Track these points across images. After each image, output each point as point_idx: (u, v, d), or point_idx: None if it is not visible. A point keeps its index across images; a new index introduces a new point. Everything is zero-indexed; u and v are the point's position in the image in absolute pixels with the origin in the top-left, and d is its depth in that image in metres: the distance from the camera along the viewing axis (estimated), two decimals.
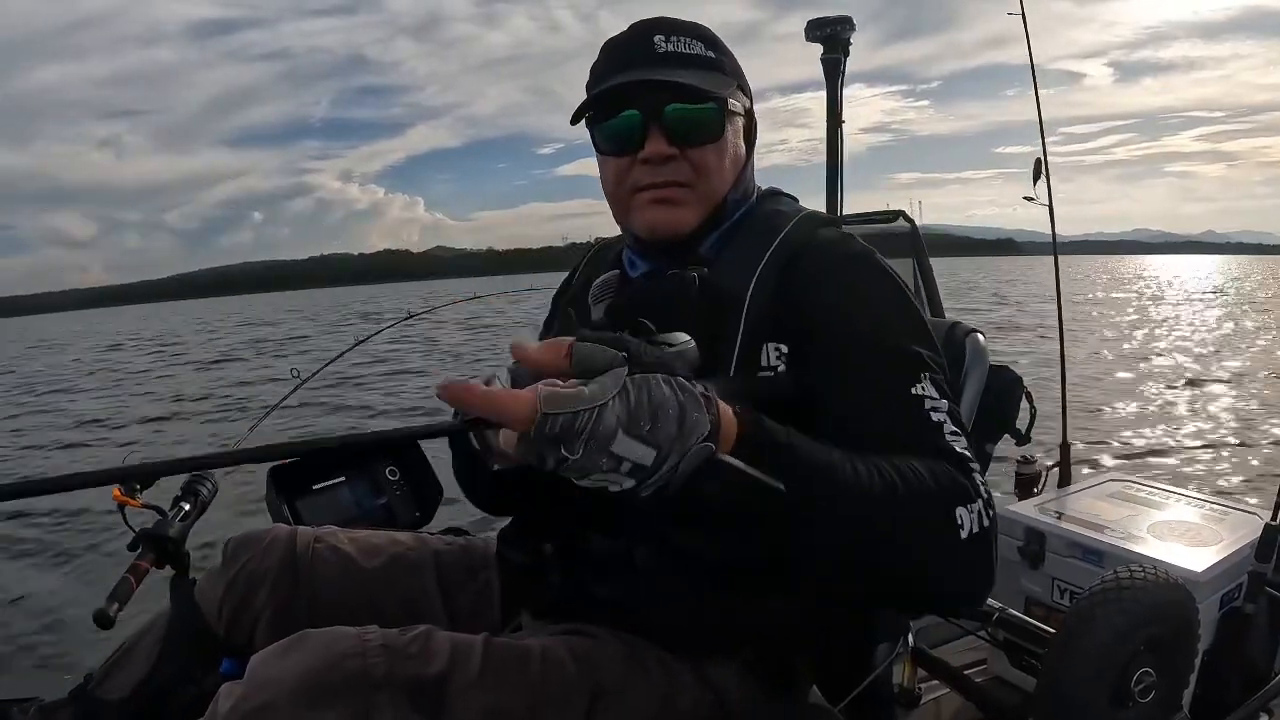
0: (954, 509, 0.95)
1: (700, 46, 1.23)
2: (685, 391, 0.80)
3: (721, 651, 1.20)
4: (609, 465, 0.76)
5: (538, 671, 1.09)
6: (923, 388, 1.06)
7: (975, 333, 1.45)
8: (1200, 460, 7.84)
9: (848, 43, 2.71)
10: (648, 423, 0.76)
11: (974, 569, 0.98)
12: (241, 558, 1.39)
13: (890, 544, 0.93)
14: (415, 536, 1.53)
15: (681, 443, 0.78)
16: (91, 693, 1.38)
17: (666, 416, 0.77)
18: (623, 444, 0.75)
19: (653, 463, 0.77)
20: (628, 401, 0.76)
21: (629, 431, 0.75)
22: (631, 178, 1.24)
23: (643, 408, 0.76)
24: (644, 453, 0.76)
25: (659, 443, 0.77)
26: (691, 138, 1.21)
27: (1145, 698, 1.59)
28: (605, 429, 0.74)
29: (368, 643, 1.03)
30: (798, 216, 1.26)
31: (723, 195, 1.26)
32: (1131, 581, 1.59)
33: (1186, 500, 2.46)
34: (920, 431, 1.03)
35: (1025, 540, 2.35)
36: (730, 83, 1.24)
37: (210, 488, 1.93)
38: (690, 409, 0.79)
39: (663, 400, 0.78)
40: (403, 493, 2.12)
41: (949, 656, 2.33)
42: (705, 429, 0.80)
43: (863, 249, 1.22)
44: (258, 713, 0.94)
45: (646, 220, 1.24)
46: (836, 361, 1.11)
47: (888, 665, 1.41)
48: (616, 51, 1.25)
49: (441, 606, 1.41)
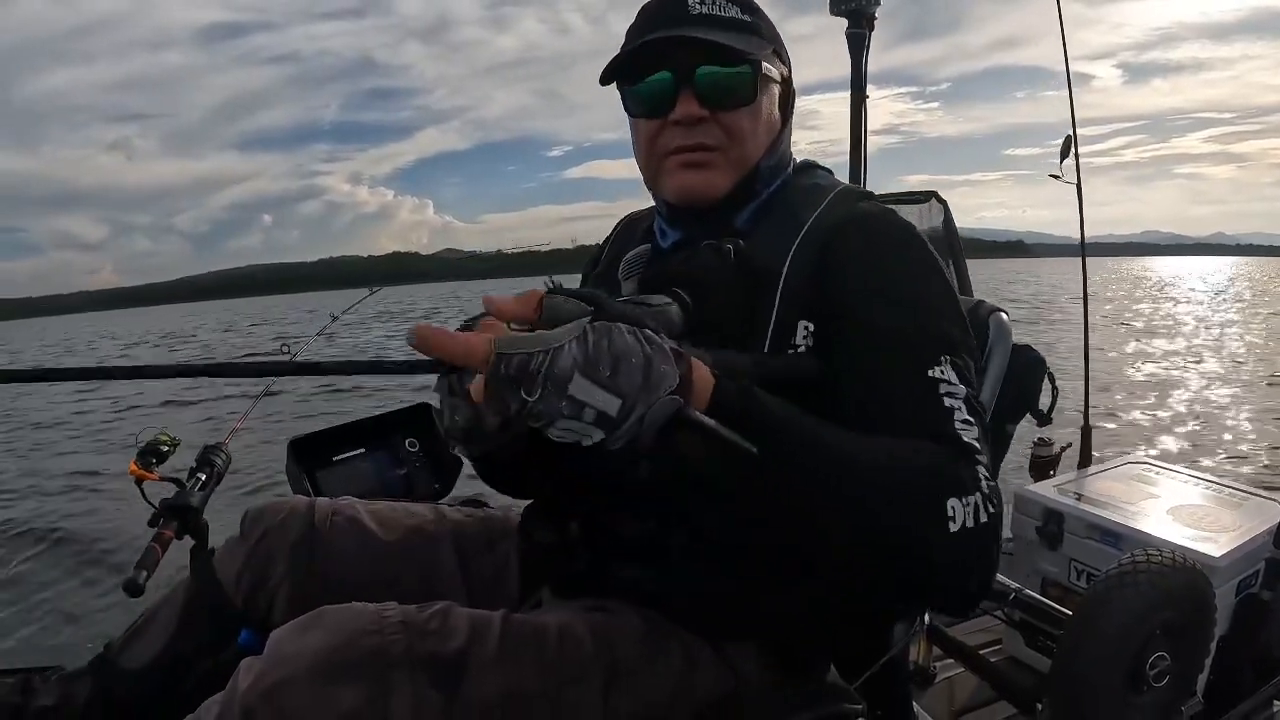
0: (945, 499, 0.90)
1: (736, 10, 1.20)
2: (652, 344, 0.80)
3: (740, 632, 1.20)
4: (569, 410, 0.76)
5: (555, 648, 1.09)
6: (941, 370, 1.02)
7: (999, 311, 1.44)
8: (1221, 446, 7.79)
9: (873, 17, 2.69)
10: (608, 368, 0.76)
11: (964, 564, 0.93)
12: (260, 529, 1.39)
13: (872, 526, 0.90)
14: (434, 508, 1.52)
15: (648, 394, 0.78)
16: (112, 662, 1.39)
17: (630, 365, 0.77)
18: (580, 387, 0.75)
19: (618, 412, 0.77)
20: (585, 345, 0.76)
21: (586, 374, 0.75)
22: (662, 140, 1.21)
23: (602, 352, 0.76)
24: (606, 399, 0.76)
25: (623, 391, 0.77)
26: (724, 100, 1.18)
27: (1160, 682, 1.59)
28: (560, 370, 0.74)
29: (386, 619, 1.03)
30: (835, 191, 1.23)
31: (755, 161, 1.23)
32: (1149, 565, 1.58)
33: (1206, 485, 2.45)
34: (930, 415, 0.99)
35: (1044, 521, 2.35)
36: (766, 46, 1.21)
37: (224, 458, 1.97)
38: (657, 361, 0.79)
39: (626, 348, 0.78)
40: (422, 464, 2.14)
41: (965, 636, 2.34)
42: (673, 382, 0.80)
43: (903, 224, 1.18)
44: (277, 689, 0.95)
45: (676, 183, 1.22)
46: (859, 337, 1.08)
47: (904, 644, 1.41)
48: (650, 12, 1.23)
49: (460, 579, 1.41)
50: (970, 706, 2.32)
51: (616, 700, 1.09)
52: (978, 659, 2.18)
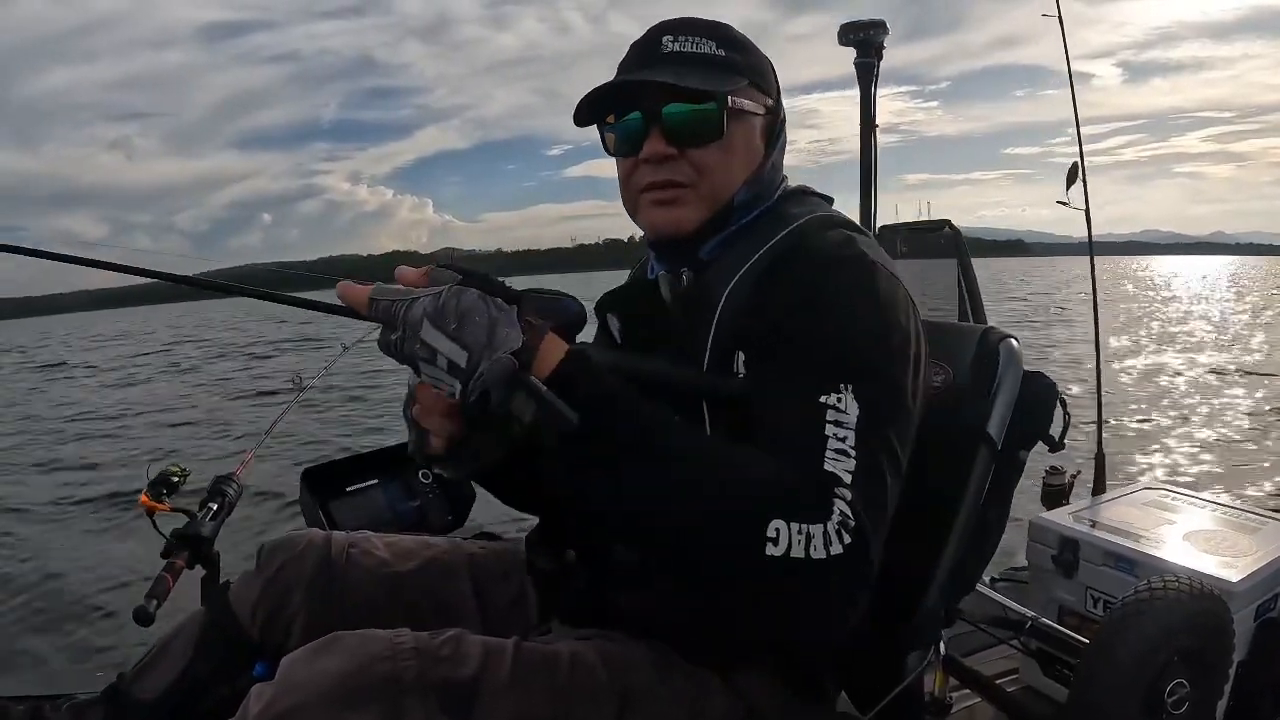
0: (770, 519, 0.86)
1: (711, 45, 1.22)
2: (501, 309, 0.91)
3: (748, 660, 1.19)
4: (425, 354, 0.89)
5: (567, 675, 1.09)
6: (838, 399, 0.99)
7: (1009, 338, 1.44)
8: (1237, 470, 7.74)
9: (881, 46, 2.70)
10: (454, 322, 0.88)
11: (784, 596, 0.89)
12: (276, 561, 1.40)
13: (686, 528, 0.90)
14: (449, 540, 1.53)
15: (490, 351, 0.88)
16: (124, 691, 1.39)
17: (474, 322, 0.88)
18: (430, 334, 0.89)
19: (466, 364, 0.88)
20: (437, 300, 0.89)
21: (434, 323, 0.88)
22: (635, 178, 1.24)
23: (449, 308, 0.89)
24: (453, 349, 0.88)
25: (467, 344, 0.88)
26: (690, 138, 1.20)
27: (1179, 709, 1.57)
28: (413, 316, 0.89)
29: (399, 646, 1.03)
30: (806, 218, 1.23)
31: (729, 196, 1.24)
32: (1166, 592, 1.57)
33: (1223, 510, 2.44)
34: (802, 440, 0.96)
35: (1059, 549, 2.33)
36: (739, 81, 1.22)
37: (235, 489, 1.99)
38: (502, 324, 0.89)
39: (471, 307, 0.89)
40: (435, 496, 2.14)
41: (981, 665, 2.32)
42: (514, 344, 0.89)
43: (853, 253, 1.16)
44: (288, 714, 0.95)
45: (648, 220, 1.26)
46: (773, 359, 1.08)
47: (918, 674, 1.40)
48: (631, 53, 1.26)
49: (476, 610, 1.41)
50: None
51: None
52: (994, 689, 2.16)
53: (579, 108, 1.24)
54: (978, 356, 1.40)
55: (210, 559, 1.83)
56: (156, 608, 1.64)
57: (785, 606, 0.91)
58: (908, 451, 1.05)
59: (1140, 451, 8.37)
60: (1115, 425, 8.71)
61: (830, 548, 0.87)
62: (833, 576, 0.88)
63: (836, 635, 0.96)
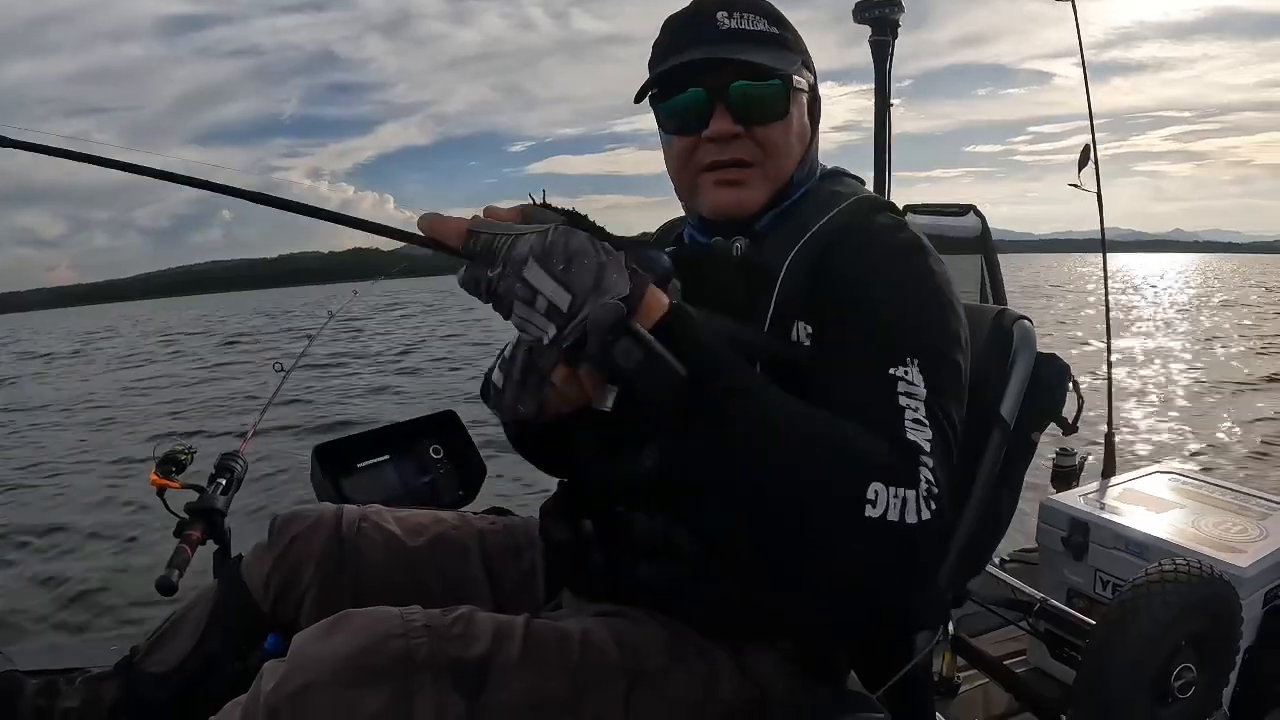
0: (869, 482, 0.89)
1: (764, 23, 1.22)
2: (609, 254, 0.89)
3: (761, 640, 1.20)
4: (523, 294, 0.87)
5: (578, 653, 1.09)
6: (905, 372, 1.02)
7: (1023, 319, 1.43)
8: (1249, 455, 7.72)
9: (896, 24, 2.68)
10: (561, 262, 0.87)
11: (878, 557, 0.91)
12: (287, 535, 1.40)
13: (787, 483, 0.91)
14: (460, 516, 1.53)
15: (596, 295, 0.87)
16: (137, 665, 1.40)
17: (582, 265, 0.87)
18: (534, 273, 0.86)
19: (568, 307, 0.86)
20: (544, 238, 0.87)
21: (540, 262, 0.86)
22: (697, 156, 1.23)
23: (557, 247, 0.87)
24: (556, 290, 0.86)
25: (573, 288, 0.86)
26: (757, 116, 1.20)
27: (1185, 693, 1.57)
28: (518, 253, 0.87)
29: (410, 623, 1.04)
30: (853, 198, 1.24)
31: (789, 174, 1.25)
32: (1175, 576, 1.57)
33: (1233, 494, 2.43)
34: (880, 410, 0.99)
35: (1069, 531, 2.33)
36: (795, 60, 1.23)
37: (242, 464, 2.01)
38: (610, 269, 0.88)
39: (581, 249, 0.88)
40: (447, 471, 2.15)
41: (989, 646, 2.33)
42: (623, 291, 0.88)
43: (910, 237, 1.19)
44: (300, 691, 0.95)
45: (713, 202, 1.25)
46: (837, 335, 1.10)
47: (927, 653, 1.41)
48: (679, 28, 1.24)
49: (487, 586, 1.41)
50: (994, 717, 2.31)
51: (639, 705, 1.10)
52: (1002, 670, 2.17)
53: (646, 85, 1.24)
54: (991, 337, 1.40)
55: (222, 533, 1.85)
56: (179, 577, 1.66)
57: (875, 568, 0.93)
58: (962, 428, 1.07)
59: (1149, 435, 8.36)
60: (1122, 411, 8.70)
61: (921, 513, 0.91)
62: (920, 542, 0.91)
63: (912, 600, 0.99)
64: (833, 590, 1.04)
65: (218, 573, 1.62)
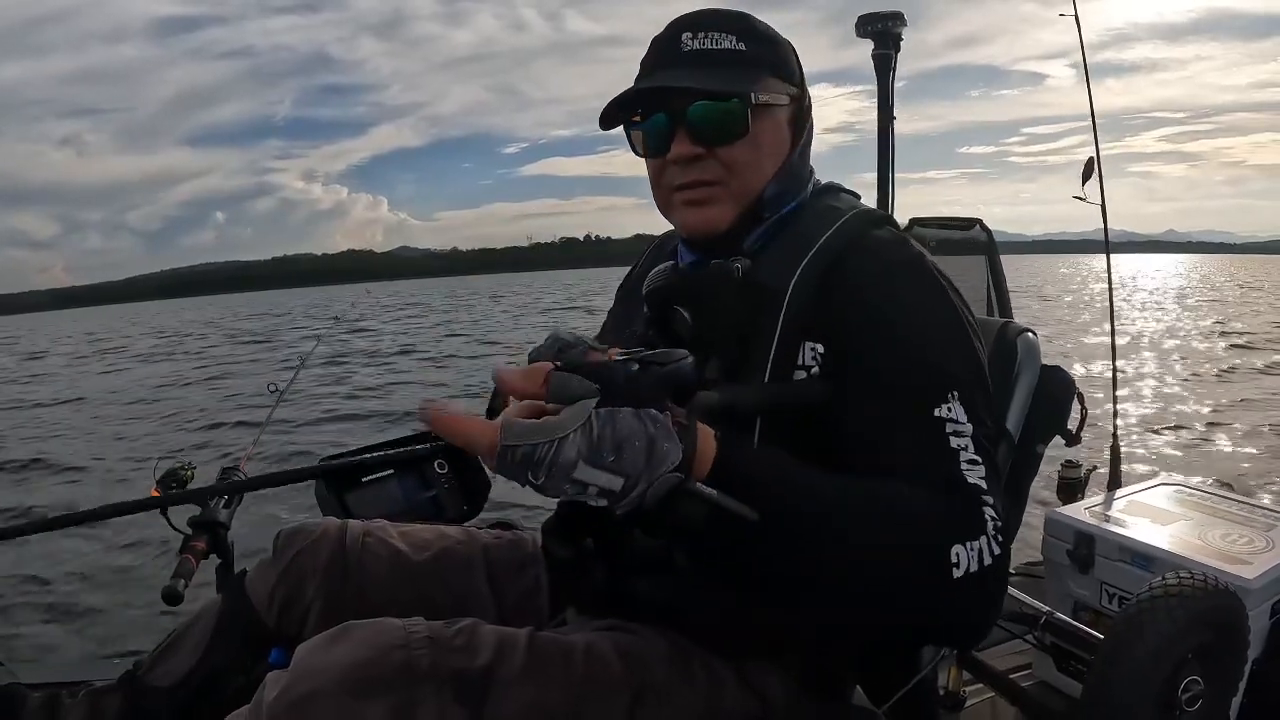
0: (949, 547, 0.93)
1: (730, 40, 1.22)
2: (656, 423, 0.85)
3: (765, 655, 1.20)
4: (574, 490, 0.82)
5: (581, 667, 1.09)
6: (949, 409, 1.03)
7: (1027, 332, 1.43)
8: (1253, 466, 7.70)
9: (899, 37, 2.69)
10: (611, 454, 0.82)
11: (970, 607, 0.97)
12: (292, 550, 1.41)
13: (875, 578, 0.94)
14: (464, 531, 1.54)
15: (650, 471, 0.83)
16: (141, 679, 1.41)
17: (633, 448, 0.82)
18: (585, 473, 0.81)
19: (621, 489, 0.83)
20: (590, 434, 0.81)
21: (591, 462, 0.81)
22: (666, 178, 1.25)
23: (605, 440, 0.81)
24: (610, 480, 0.82)
25: (625, 472, 0.82)
26: (716, 137, 1.20)
27: (1192, 706, 1.57)
28: (565, 460, 0.80)
29: (413, 635, 1.04)
30: (850, 214, 1.24)
31: (758, 190, 1.25)
32: (1181, 588, 1.57)
33: (1239, 505, 2.42)
34: (934, 457, 1.01)
35: (1074, 544, 2.32)
36: (760, 75, 1.22)
37: (243, 479, 2.02)
38: (660, 440, 0.84)
39: (630, 433, 0.83)
40: (451, 486, 2.15)
41: (994, 660, 2.32)
42: (676, 458, 0.85)
43: (914, 254, 1.19)
44: (303, 701, 0.96)
45: (682, 221, 1.27)
46: (865, 370, 1.10)
47: (933, 668, 1.40)
48: (652, 52, 1.25)
49: (491, 600, 1.42)
50: None
51: (643, 718, 1.09)
52: (1008, 684, 2.16)
53: (604, 113, 1.25)
54: (996, 350, 1.40)
55: (225, 546, 1.86)
56: (184, 586, 1.67)
57: (967, 618, 0.98)
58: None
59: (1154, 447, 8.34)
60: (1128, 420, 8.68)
61: (993, 552, 0.95)
62: (996, 576, 0.95)
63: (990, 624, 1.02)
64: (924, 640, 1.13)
65: (221, 586, 1.62)
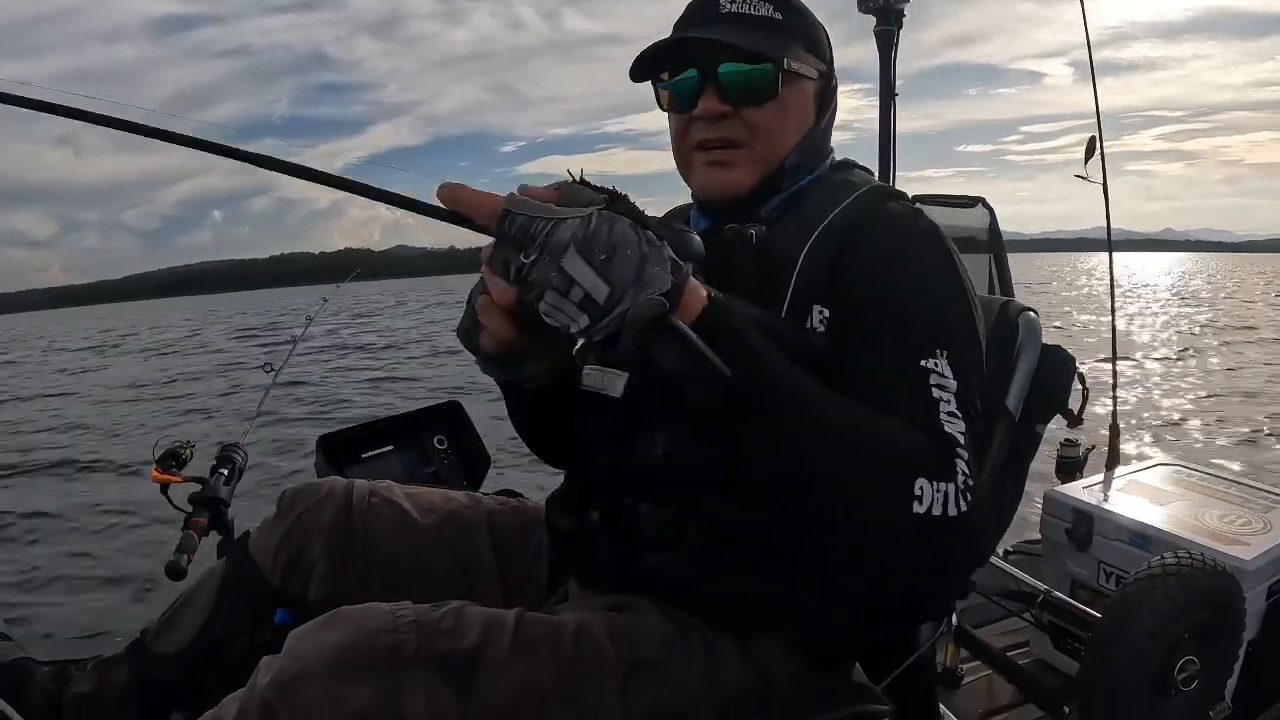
0: (915, 477, 0.92)
1: (768, 8, 1.22)
2: (652, 245, 0.85)
3: (766, 629, 1.20)
4: (559, 283, 0.82)
5: (571, 647, 1.10)
6: (935, 363, 1.03)
7: (1028, 311, 1.43)
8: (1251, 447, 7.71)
9: (901, 13, 2.68)
10: (603, 252, 0.82)
11: (926, 551, 0.94)
12: (297, 508, 1.40)
13: (838, 482, 0.93)
14: (470, 495, 1.53)
15: (637, 289, 0.83)
16: (148, 646, 1.41)
17: (625, 257, 0.83)
18: (573, 262, 0.81)
19: (605, 300, 0.82)
20: (587, 225, 0.82)
21: (581, 251, 0.82)
22: (689, 135, 1.25)
23: (600, 237, 0.82)
24: (595, 282, 0.82)
25: (613, 280, 0.82)
26: (744, 97, 1.20)
27: (1188, 686, 1.58)
28: (558, 240, 0.82)
29: (400, 619, 1.05)
30: (865, 187, 1.25)
31: (780, 158, 1.25)
32: (1178, 568, 1.57)
33: (1237, 487, 2.43)
34: (915, 403, 1.01)
35: (1073, 522, 2.33)
36: (794, 45, 1.23)
37: (243, 456, 2.03)
38: (653, 262, 0.84)
39: (624, 239, 0.83)
40: (450, 462, 2.16)
41: (992, 638, 2.33)
42: (664, 285, 0.84)
43: (927, 225, 1.20)
44: (293, 684, 0.97)
45: (700, 181, 1.26)
46: (862, 323, 1.10)
47: (931, 645, 1.41)
48: (688, 9, 1.26)
49: (494, 565, 1.41)
50: (997, 709, 2.31)
51: (636, 697, 1.10)
52: (1005, 661, 2.17)
53: (635, 63, 1.25)
54: (997, 329, 1.40)
55: (226, 522, 1.86)
56: (187, 562, 1.68)
57: (920, 562, 0.96)
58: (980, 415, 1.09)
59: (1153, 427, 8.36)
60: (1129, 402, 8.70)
61: (961, 506, 0.92)
62: (961, 535, 0.93)
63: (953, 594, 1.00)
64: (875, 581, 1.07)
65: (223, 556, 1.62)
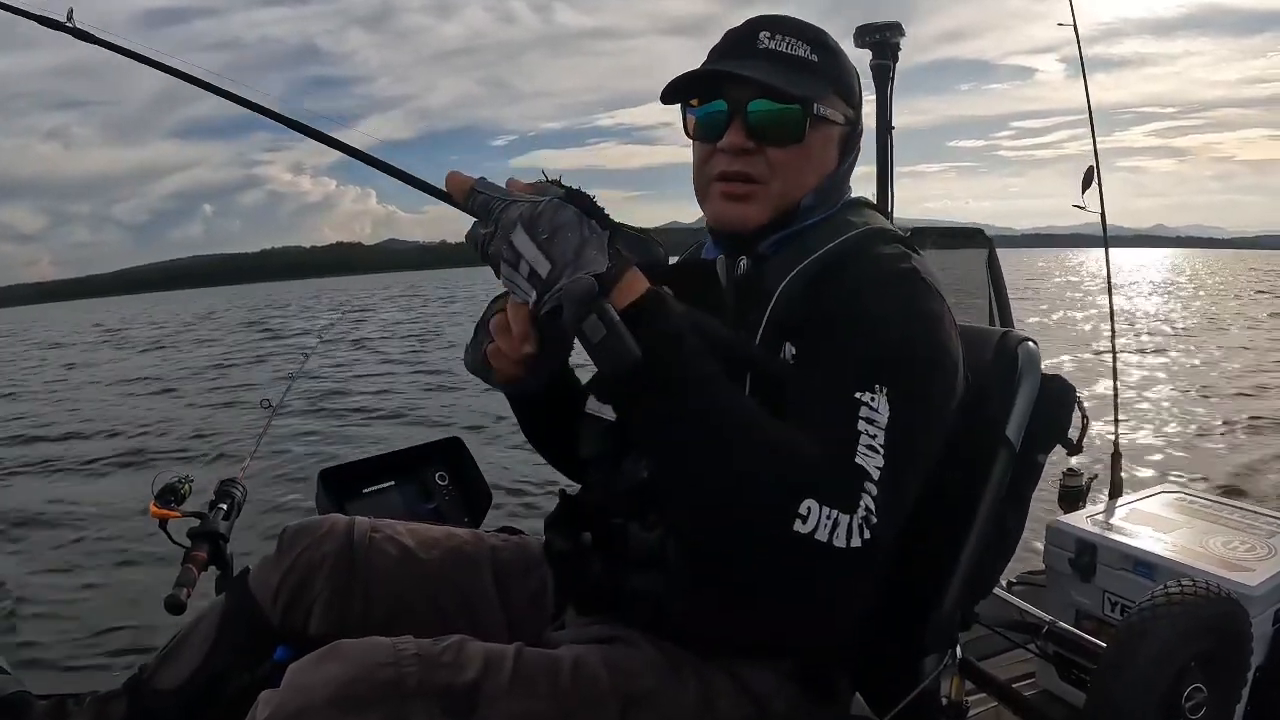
0: (805, 497, 0.90)
1: (805, 49, 1.25)
2: (594, 232, 0.98)
3: (760, 659, 1.19)
4: (509, 256, 0.97)
5: (569, 680, 1.10)
6: (871, 397, 1.01)
7: (1027, 341, 1.43)
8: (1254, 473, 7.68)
9: (897, 47, 2.70)
10: (546, 232, 0.96)
11: (800, 576, 0.92)
12: (298, 545, 1.40)
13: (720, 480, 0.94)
14: (472, 532, 1.54)
15: (574, 268, 0.95)
16: (146, 682, 1.40)
17: (565, 238, 0.96)
18: (520, 238, 0.96)
19: (547, 275, 0.95)
20: (535, 207, 0.97)
21: (526, 229, 0.96)
22: (711, 164, 1.27)
23: (544, 218, 0.97)
24: (537, 257, 0.96)
25: (554, 257, 0.95)
26: (770, 136, 1.22)
27: (1196, 714, 1.57)
28: (508, 218, 0.98)
29: (401, 652, 1.05)
30: (864, 228, 1.25)
31: (796, 199, 1.27)
32: (1183, 596, 1.57)
33: (1241, 513, 2.42)
34: (837, 431, 0.99)
35: (1076, 552, 2.32)
36: (826, 89, 1.25)
37: (241, 491, 2.03)
38: (591, 246, 0.97)
39: (566, 222, 0.97)
40: (452, 497, 2.16)
41: (998, 670, 2.31)
42: (600, 268, 0.96)
43: (906, 269, 1.18)
44: (295, 716, 0.97)
45: (715, 212, 1.28)
46: (812, 350, 1.12)
47: (935, 677, 1.40)
48: (726, 41, 1.29)
49: (498, 601, 1.42)
50: None
51: None
52: (1011, 693, 2.15)
53: (668, 87, 1.28)
54: (997, 359, 1.40)
55: (224, 557, 1.86)
56: (187, 596, 1.67)
57: (797, 588, 0.94)
58: (928, 465, 1.08)
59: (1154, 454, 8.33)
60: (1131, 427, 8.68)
61: (851, 540, 0.91)
62: (848, 569, 0.92)
63: (833, 631, 1.01)
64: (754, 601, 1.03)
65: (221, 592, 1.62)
